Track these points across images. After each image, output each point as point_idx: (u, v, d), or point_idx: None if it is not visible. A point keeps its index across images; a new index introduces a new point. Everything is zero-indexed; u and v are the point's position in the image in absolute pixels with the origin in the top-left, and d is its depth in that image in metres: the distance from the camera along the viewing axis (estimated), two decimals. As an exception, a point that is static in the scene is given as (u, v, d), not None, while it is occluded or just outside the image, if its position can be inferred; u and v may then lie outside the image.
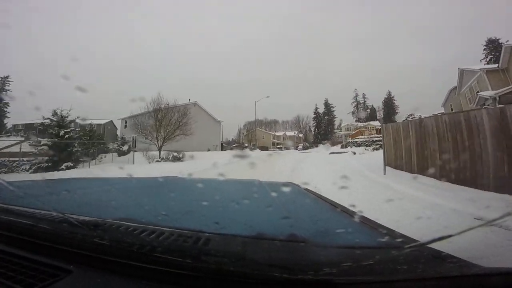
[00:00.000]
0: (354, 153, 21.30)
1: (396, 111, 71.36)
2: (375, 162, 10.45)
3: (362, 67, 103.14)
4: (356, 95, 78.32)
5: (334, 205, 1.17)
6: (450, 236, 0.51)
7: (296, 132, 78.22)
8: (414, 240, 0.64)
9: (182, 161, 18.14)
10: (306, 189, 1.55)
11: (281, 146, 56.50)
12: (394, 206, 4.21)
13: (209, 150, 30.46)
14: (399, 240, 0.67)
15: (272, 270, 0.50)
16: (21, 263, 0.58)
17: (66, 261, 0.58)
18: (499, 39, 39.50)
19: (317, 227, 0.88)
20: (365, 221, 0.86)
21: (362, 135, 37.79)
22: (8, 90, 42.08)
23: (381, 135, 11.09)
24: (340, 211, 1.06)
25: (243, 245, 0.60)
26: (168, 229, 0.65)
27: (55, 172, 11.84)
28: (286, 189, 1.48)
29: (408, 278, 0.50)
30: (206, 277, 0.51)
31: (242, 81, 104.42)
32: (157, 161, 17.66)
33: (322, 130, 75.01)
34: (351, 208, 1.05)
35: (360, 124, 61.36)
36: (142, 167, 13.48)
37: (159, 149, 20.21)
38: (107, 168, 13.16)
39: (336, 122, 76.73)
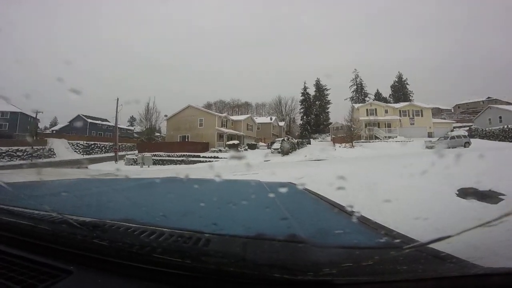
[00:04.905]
0: None
1: (410, 97, 50.15)
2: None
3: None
4: (356, 76, 55.75)
5: (333, 205, 1.17)
6: (449, 236, 0.51)
7: (273, 119, 47.84)
8: (414, 240, 0.64)
9: None
10: (306, 189, 1.55)
11: (236, 142, 28.99)
12: None
13: None
14: (399, 240, 0.67)
15: (272, 270, 0.50)
16: (21, 264, 0.58)
17: (66, 261, 0.58)
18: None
19: (316, 228, 0.88)
20: (364, 221, 0.86)
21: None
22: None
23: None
24: (339, 211, 1.06)
25: (243, 246, 0.61)
26: (168, 230, 0.65)
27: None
28: (285, 189, 1.48)
29: (408, 278, 0.50)
30: (206, 278, 0.51)
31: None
32: None
33: (312, 119, 52.34)
34: (350, 208, 1.05)
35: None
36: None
37: None
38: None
39: (332, 110, 55.35)
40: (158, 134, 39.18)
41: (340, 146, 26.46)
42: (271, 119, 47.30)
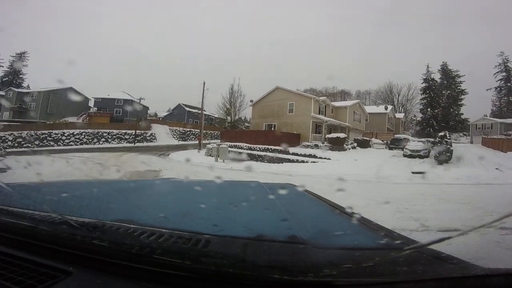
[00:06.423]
0: None
1: None
2: None
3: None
4: (505, 60, 40.35)
5: (333, 206, 1.17)
6: (450, 237, 0.51)
7: (389, 108, 35.28)
8: (414, 241, 0.64)
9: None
10: (306, 190, 1.55)
11: (342, 136, 18.64)
12: None
13: None
14: (399, 241, 0.67)
15: (272, 272, 0.50)
16: (21, 265, 0.58)
17: (65, 262, 0.58)
18: None
19: (317, 229, 0.88)
20: (364, 222, 0.86)
21: None
22: (25, 66, 42.34)
23: None
24: (339, 212, 1.06)
25: (243, 247, 0.60)
26: (167, 231, 0.64)
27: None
28: (285, 191, 1.48)
29: (409, 279, 0.50)
30: (206, 279, 0.51)
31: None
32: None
33: (439, 112, 39.52)
34: (350, 210, 1.05)
35: None
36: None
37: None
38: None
39: (466, 102, 41.54)
40: (248, 124, 35.30)
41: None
42: (386, 108, 34.53)
